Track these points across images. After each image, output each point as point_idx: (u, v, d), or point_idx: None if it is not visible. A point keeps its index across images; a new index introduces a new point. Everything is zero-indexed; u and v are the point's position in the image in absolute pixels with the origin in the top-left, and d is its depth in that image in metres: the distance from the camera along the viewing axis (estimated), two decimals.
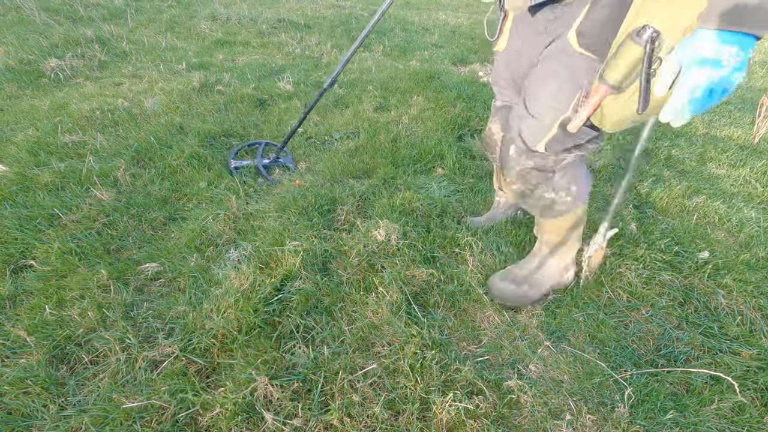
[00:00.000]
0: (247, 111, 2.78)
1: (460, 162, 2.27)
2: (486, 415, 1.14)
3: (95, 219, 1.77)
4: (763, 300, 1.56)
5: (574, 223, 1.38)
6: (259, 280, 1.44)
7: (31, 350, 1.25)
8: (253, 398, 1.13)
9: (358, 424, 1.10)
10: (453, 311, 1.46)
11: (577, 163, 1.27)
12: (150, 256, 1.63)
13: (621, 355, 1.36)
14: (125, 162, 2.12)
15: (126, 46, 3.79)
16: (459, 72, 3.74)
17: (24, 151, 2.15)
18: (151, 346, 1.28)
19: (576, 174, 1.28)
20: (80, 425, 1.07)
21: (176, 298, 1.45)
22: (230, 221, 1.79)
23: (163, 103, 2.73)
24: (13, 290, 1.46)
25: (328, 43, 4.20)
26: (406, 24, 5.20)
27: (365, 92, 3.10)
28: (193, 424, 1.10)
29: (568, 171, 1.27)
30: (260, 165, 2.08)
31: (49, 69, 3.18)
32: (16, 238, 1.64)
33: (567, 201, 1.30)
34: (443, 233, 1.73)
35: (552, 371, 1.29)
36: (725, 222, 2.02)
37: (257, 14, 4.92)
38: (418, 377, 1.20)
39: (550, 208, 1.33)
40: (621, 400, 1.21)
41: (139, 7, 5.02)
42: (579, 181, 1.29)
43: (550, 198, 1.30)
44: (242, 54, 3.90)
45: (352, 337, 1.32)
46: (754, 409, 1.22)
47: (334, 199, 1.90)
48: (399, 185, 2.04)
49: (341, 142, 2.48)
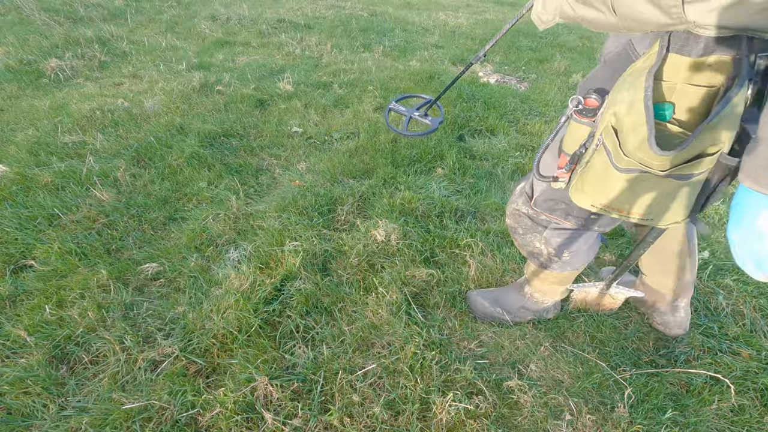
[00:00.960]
0: (247, 111, 2.78)
1: (460, 162, 2.27)
2: (486, 415, 1.14)
3: (95, 219, 1.77)
4: (763, 300, 1.56)
5: (559, 281, 1.31)
6: (259, 280, 1.44)
7: (31, 350, 1.25)
8: (253, 398, 1.13)
9: (358, 424, 1.10)
10: (453, 312, 1.46)
11: (579, 236, 1.17)
12: (150, 256, 1.63)
13: (621, 355, 1.36)
14: (125, 162, 2.12)
15: (126, 46, 3.79)
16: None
17: (24, 151, 2.15)
18: (151, 347, 1.28)
19: (574, 245, 1.19)
20: (80, 425, 1.07)
21: (176, 298, 1.45)
22: (230, 221, 1.79)
23: (163, 104, 2.73)
24: (13, 290, 1.46)
25: (328, 43, 4.20)
26: (406, 24, 5.20)
27: (365, 92, 3.10)
28: (193, 424, 1.10)
29: (565, 238, 1.18)
30: (410, 114, 2.01)
31: (49, 69, 3.18)
32: (16, 238, 1.64)
33: (555, 260, 1.23)
34: (443, 233, 1.73)
35: (552, 371, 1.29)
36: (725, 222, 2.02)
37: (257, 14, 4.92)
38: (418, 377, 1.20)
39: (537, 257, 1.26)
40: (621, 400, 1.21)
41: (139, 7, 5.02)
42: (575, 251, 1.20)
43: (538, 248, 1.24)
44: (242, 54, 3.90)
45: (352, 337, 1.32)
46: (754, 409, 1.22)
47: (334, 199, 1.90)
48: (399, 185, 2.04)
49: (341, 142, 2.48)
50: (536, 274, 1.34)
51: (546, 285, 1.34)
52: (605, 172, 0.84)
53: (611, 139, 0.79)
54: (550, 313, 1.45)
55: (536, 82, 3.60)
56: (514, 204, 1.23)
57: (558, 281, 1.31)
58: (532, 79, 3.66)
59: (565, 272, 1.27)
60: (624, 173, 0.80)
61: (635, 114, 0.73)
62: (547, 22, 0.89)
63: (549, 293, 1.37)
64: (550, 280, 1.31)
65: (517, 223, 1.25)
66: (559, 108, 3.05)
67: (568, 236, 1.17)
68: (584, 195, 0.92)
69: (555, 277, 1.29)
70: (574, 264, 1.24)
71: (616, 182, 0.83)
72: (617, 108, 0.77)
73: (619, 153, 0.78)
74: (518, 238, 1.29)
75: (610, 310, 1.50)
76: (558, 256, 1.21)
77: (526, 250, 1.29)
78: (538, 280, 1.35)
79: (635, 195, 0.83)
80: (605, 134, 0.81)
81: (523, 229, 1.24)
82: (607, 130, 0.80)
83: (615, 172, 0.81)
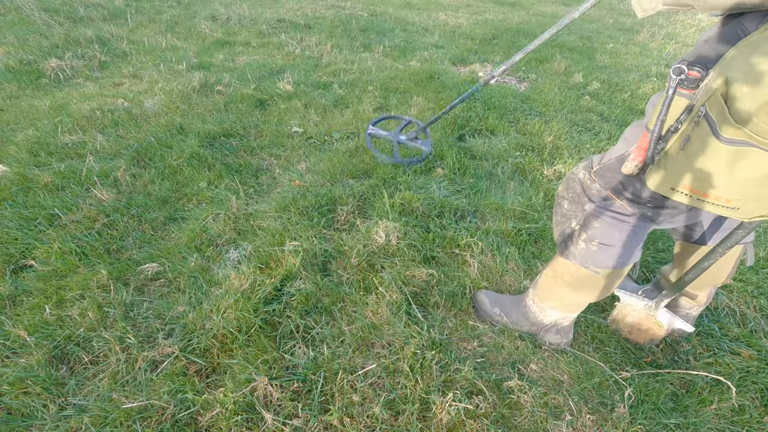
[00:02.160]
0: (247, 111, 2.78)
1: (460, 162, 2.27)
2: (486, 415, 1.14)
3: (95, 219, 1.77)
4: (763, 300, 1.56)
5: (571, 281, 1.19)
6: (259, 280, 1.44)
7: (31, 350, 1.25)
8: (253, 398, 1.13)
9: (358, 424, 1.10)
10: (453, 311, 1.46)
11: (620, 226, 1.08)
12: (150, 256, 1.63)
13: (621, 356, 1.36)
14: (125, 162, 2.12)
15: (126, 46, 3.79)
16: (459, 72, 3.74)
17: (24, 151, 2.15)
18: (151, 347, 1.28)
19: (608, 234, 1.08)
20: (80, 425, 1.08)
21: (176, 298, 1.45)
22: (230, 221, 1.79)
23: (163, 104, 2.73)
24: (13, 290, 1.46)
25: (328, 43, 4.20)
26: (406, 24, 5.20)
27: (365, 92, 3.10)
28: (193, 424, 1.10)
29: (603, 222, 1.09)
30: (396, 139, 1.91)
31: (49, 69, 3.18)
32: (17, 238, 1.64)
33: (580, 245, 1.13)
34: (443, 233, 1.73)
35: (552, 371, 1.29)
36: None
37: (257, 14, 4.92)
38: (418, 377, 1.20)
39: (565, 240, 1.18)
40: (621, 401, 1.21)
41: (139, 7, 5.02)
42: (606, 244, 1.09)
43: (571, 229, 1.16)
44: (242, 54, 3.90)
45: (352, 337, 1.32)
46: (754, 409, 1.22)
47: (334, 199, 1.90)
48: (399, 185, 2.04)
49: (341, 142, 2.48)
50: (553, 267, 1.24)
51: (556, 285, 1.23)
52: (701, 149, 0.80)
53: (718, 106, 0.75)
54: (551, 334, 1.34)
55: (536, 82, 3.60)
56: (575, 168, 1.18)
57: (570, 281, 1.19)
58: (532, 79, 3.66)
59: (582, 270, 1.15)
60: (727, 144, 0.76)
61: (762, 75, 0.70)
62: (648, 9, 0.87)
63: (552, 299, 1.28)
64: (564, 276, 1.20)
65: (566, 189, 1.19)
66: (559, 108, 3.05)
67: (608, 221, 1.08)
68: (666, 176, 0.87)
69: (570, 272, 1.18)
70: (597, 260, 1.12)
71: (713, 157, 0.78)
72: (732, 73, 0.73)
73: (727, 120, 0.74)
74: (558, 213, 1.22)
75: (649, 341, 1.34)
76: (585, 241, 1.11)
77: (559, 230, 1.22)
78: (551, 276, 1.25)
79: (731, 173, 0.78)
80: (710, 104, 0.77)
81: (569, 200, 1.17)
82: (714, 99, 0.76)
83: (716, 143, 0.77)
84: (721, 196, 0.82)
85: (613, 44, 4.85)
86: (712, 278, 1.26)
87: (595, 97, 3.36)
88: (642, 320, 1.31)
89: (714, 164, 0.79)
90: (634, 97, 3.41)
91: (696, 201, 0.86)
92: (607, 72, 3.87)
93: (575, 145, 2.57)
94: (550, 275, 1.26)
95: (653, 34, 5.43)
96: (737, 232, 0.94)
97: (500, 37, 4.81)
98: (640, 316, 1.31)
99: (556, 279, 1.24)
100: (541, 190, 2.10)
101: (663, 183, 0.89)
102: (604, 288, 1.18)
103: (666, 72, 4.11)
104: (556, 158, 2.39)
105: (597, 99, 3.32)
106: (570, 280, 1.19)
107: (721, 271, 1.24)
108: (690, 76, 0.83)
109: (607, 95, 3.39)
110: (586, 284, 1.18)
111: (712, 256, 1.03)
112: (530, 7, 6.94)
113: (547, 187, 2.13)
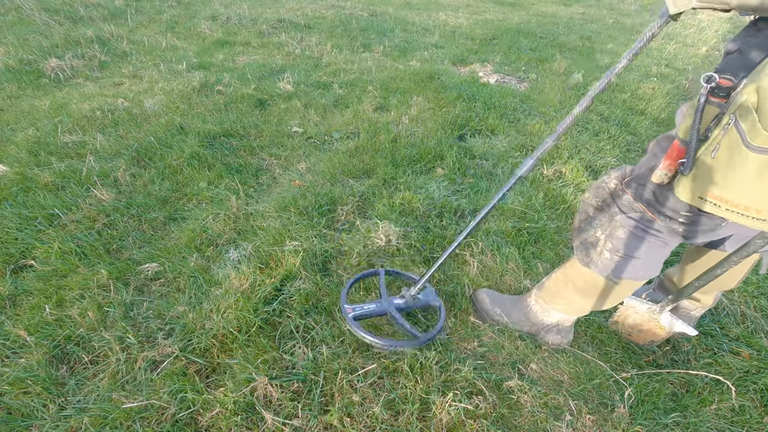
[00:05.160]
0: (247, 111, 2.78)
1: (460, 162, 2.27)
2: (486, 415, 1.14)
3: (95, 219, 1.77)
4: (763, 300, 1.56)
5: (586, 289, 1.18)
6: (259, 280, 1.44)
7: (31, 350, 1.25)
8: (253, 398, 1.13)
9: (358, 424, 1.10)
10: (453, 311, 1.46)
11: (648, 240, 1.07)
12: (150, 256, 1.63)
13: (622, 356, 1.36)
14: (125, 162, 2.12)
15: (126, 46, 3.79)
16: (459, 72, 3.74)
17: (24, 151, 2.15)
18: (151, 346, 1.28)
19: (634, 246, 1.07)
20: (80, 425, 1.07)
21: (176, 298, 1.45)
22: (230, 221, 1.79)
23: (163, 103, 2.73)
24: (13, 290, 1.46)
25: (328, 43, 4.20)
26: (406, 24, 5.20)
27: (365, 92, 3.10)
28: (193, 424, 1.10)
29: (631, 234, 1.07)
30: (393, 310, 1.34)
31: (49, 69, 3.18)
32: (17, 238, 1.64)
33: (604, 255, 1.11)
34: (443, 233, 1.73)
35: (552, 371, 1.29)
36: None
37: (257, 14, 4.92)
38: (418, 377, 1.20)
39: (587, 248, 1.15)
40: (621, 401, 1.21)
41: (139, 7, 5.02)
42: (630, 255, 1.08)
43: (595, 238, 1.14)
44: (242, 54, 3.90)
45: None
46: (754, 409, 1.22)
47: (334, 199, 1.90)
48: (399, 185, 2.04)
49: (341, 142, 2.48)
50: (565, 272, 1.23)
51: (566, 290, 1.23)
52: (731, 158, 0.79)
53: (748, 115, 0.75)
54: (552, 334, 1.35)
55: (536, 82, 3.60)
56: (606, 176, 1.14)
57: (582, 288, 1.18)
58: (532, 79, 3.66)
59: (600, 279, 1.14)
60: (757, 153, 0.75)
61: None
62: (681, 6, 0.86)
63: (559, 303, 1.26)
64: (577, 282, 1.19)
65: (595, 197, 1.15)
66: (559, 108, 3.05)
67: (637, 234, 1.07)
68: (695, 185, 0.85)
69: (585, 280, 1.17)
70: (619, 271, 1.11)
71: (743, 166, 0.77)
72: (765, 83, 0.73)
73: (757, 129, 0.74)
74: (581, 219, 1.19)
75: (650, 342, 1.35)
76: (610, 251, 1.10)
77: (581, 238, 1.18)
78: (561, 281, 1.24)
79: (761, 183, 0.77)
80: (740, 113, 0.76)
81: (596, 207, 1.14)
82: (744, 107, 0.76)
83: (746, 152, 0.76)
84: (751, 206, 0.80)
85: (613, 44, 4.85)
86: (722, 284, 1.24)
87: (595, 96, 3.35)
88: (643, 322, 1.31)
89: (743, 173, 0.78)
90: (634, 97, 3.41)
91: (724, 211, 0.84)
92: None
93: (575, 145, 2.58)
94: (560, 279, 1.25)
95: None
96: (755, 242, 0.92)
97: (500, 37, 4.81)
98: (642, 318, 1.31)
99: (567, 284, 1.23)
100: (541, 190, 2.10)
101: (692, 192, 0.87)
102: (616, 298, 1.18)
103: (666, 72, 4.11)
104: (555, 158, 2.39)
105: (597, 99, 3.32)
106: (583, 287, 1.19)
107: (733, 278, 1.22)
108: (721, 85, 0.82)
109: (607, 95, 3.39)
110: (601, 293, 1.17)
111: (726, 264, 1.00)
112: (530, 7, 6.94)
113: (547, 187, 2.13)
